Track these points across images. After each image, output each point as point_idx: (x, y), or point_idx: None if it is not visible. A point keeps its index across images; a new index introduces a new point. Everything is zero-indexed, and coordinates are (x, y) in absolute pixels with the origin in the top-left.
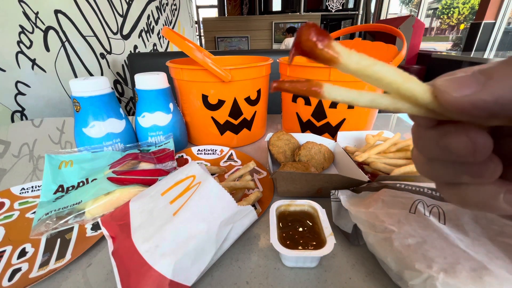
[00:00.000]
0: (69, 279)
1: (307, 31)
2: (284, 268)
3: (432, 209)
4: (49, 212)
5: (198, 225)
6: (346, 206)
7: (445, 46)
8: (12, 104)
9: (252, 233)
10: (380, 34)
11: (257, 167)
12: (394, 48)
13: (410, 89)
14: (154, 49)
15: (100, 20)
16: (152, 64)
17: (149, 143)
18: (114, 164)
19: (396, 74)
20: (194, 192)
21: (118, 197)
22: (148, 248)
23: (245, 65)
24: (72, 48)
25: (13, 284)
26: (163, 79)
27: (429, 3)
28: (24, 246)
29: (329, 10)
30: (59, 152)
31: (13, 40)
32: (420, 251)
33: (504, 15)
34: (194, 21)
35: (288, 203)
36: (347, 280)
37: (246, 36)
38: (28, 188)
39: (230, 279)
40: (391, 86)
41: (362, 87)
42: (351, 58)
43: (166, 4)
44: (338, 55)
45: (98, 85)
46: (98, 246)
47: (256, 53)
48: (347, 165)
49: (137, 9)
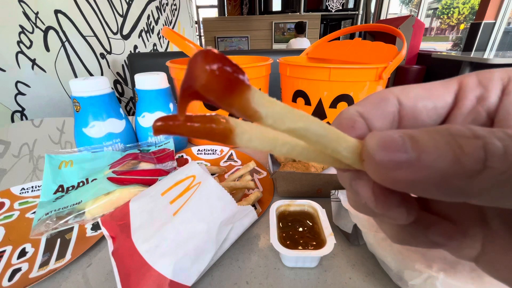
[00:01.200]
0: (69, 279)
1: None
2: (284, 268)
3: None
4: (49, 212)
5: (198, 225)
6: (346, 206)
7: (445, 46)
8: (12, 104)
9: (252, 233)
10: (380, 34)
11: (257, 167)
12: (394, 48)
13: (337, 149)
14: (154, 49)
15: (100, 20)
16: (152, 64)
17: (149, 143)
18: (114, 164)
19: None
20: (194, 192)
21: (118, 197)
22: (148, 248)
23: (245, 65)
24: (72, 48)
25: (13, 284)
26: (163, 79)
27: (429, 3)
28: (24, 246)
29: (329, 10)
30: (59, 152)
31: (13, 40)
32: (420, 251)
33: (504, 15)
34: (194, 21)
35: (288, 203)
36: (347, 280)
37: (246, 36)
38: (28, 188)
39: (230, 279)
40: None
41: (361, 87)
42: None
43: (166, 4)
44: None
45: (98, 85)
46: (98, 246)
47: (256, 53)
48: None
49: (137, 9)
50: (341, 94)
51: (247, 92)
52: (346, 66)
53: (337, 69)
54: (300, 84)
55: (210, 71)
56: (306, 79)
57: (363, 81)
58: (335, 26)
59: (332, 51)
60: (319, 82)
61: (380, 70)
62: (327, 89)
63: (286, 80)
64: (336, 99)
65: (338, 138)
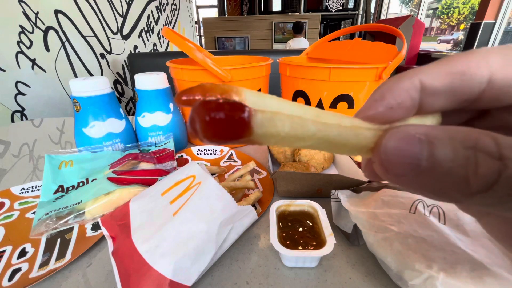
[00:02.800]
0: (69, 279)
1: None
2: (284, 268)
3: (432, 209)
4: (49, 212)
5: (198, 225)
6: (346, 206)
7: (445, 46)
8: (12, 104)
9: (252, 233)
10: (380, 34)
11: (257, 167)
12: (394, 48)
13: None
14: (154, 49)
15: (100, 20)
16: (152, 64)
17: (149, 143)
18: (114, 164)
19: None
20: (194, 192)
21: (118, 197)
22: (148, 248)
23: (245, 65)
24: (72, 48)
25: (13, 284)
26: (163, 79)
27: (429, 3)
28: (24, 246)
29: (329, 10)
30: (59, 152)
31: (13, 40)
32: (420, 251)
33: (504, 15)
34: (194, 21)
35: (288, 203)
36: (347, 280)
37: (246, 36)
38: (28, 188)
39: (230, 279)
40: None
41: (361, 87)
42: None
43: (166, 4)
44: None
45: (98, 85)
46: (98, 246)
47: (256, 53)
48: (347, 165)
49: (137, 9)
50: (341, 94)
51: (252, 128)
52: (346, 66)
53: (337, 69)
54: (300, 84)
55: (209, 129)
56: (306, 79)
57: (363, 81)
58: (335, 26)
59: (332, 51)
60: (319, 82)
61: (380, 70)
62: (327, 89)
63: (286, 80)
64: (336, 99)
65: (356, 134)
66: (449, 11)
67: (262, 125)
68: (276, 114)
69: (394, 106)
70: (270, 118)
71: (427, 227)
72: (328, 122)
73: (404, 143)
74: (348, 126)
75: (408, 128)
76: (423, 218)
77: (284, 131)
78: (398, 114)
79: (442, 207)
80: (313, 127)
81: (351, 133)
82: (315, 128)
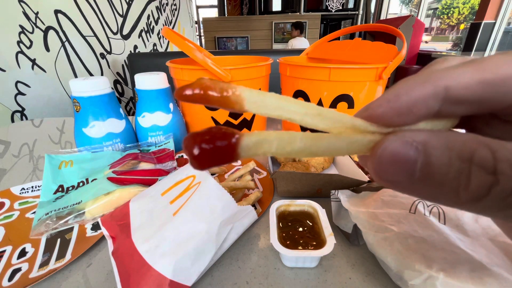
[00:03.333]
0: (69, 279)
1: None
2: (284, 268)
3: (432, 209)
4: (49, 212)
5: (198, 225)
6: (346, 206)
7: (445, 46)
8: (12, 104)
9: (252, 233)
10: (380, 34)
11: (257, 167)
12: (394, 48)
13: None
14: (154, 49)
15: (100, 20)
16: (152, 64)
17: (149, 143)
18: (114, 164)
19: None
20: (194, 192)
21: (118, 197)
22: (148, 248)
23: (245, 65)
24: (72, 48)
25: (13, 284)
26: (163, 79)
27: (429, 3)
28: (24, 246)
29: (329, 10)
30: (59, 152)
31: (13, 40)
32: (420, 251)
33: (504, 15)
34: (194, 21)
35: (288, 203)
36: (347, 280)
37: (246, 36)
38: (28, 188)
39: (230, 279)
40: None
41: (361, 87)
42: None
43: (166, 4)
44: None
45: (98, 85)
46: (98, 246)
47: (256, 53)
48: (347, 165)
49: (137, 9)
50: (341, 94)
51: (239, 154)
52: (346, 66)
53: (337, 69)
54: (300, 84)
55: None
56: (306, 79)
57: (363, 81)
58: (335, 26)
59: (332, 51)
60: (319, 82)
61: (380, 70)
62: (327, 89)
63: (286, 80)
64: (336, 99)
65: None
66: (449, 11)
67: (248, 150)
68: (262, 136)
69: (405, 113)
70: (256, 141)
71: (427, 227)
72: (320, 136)
73: (400, 151)
74: (343, 132)
75: (405, 136)
76: (423, 218)
77: (271, 151)
78: (407, 120)
79: (442, 207)
80: (300, 144)
81: (343, 144)
82: (302, 145)
